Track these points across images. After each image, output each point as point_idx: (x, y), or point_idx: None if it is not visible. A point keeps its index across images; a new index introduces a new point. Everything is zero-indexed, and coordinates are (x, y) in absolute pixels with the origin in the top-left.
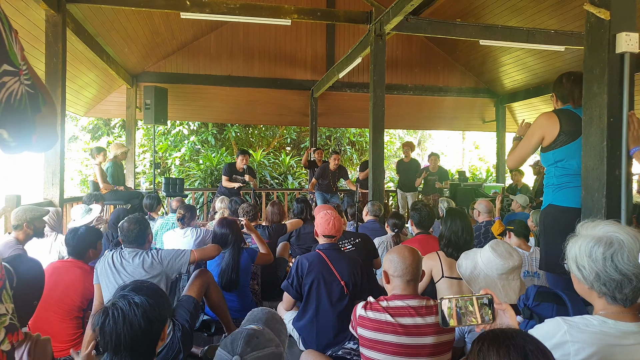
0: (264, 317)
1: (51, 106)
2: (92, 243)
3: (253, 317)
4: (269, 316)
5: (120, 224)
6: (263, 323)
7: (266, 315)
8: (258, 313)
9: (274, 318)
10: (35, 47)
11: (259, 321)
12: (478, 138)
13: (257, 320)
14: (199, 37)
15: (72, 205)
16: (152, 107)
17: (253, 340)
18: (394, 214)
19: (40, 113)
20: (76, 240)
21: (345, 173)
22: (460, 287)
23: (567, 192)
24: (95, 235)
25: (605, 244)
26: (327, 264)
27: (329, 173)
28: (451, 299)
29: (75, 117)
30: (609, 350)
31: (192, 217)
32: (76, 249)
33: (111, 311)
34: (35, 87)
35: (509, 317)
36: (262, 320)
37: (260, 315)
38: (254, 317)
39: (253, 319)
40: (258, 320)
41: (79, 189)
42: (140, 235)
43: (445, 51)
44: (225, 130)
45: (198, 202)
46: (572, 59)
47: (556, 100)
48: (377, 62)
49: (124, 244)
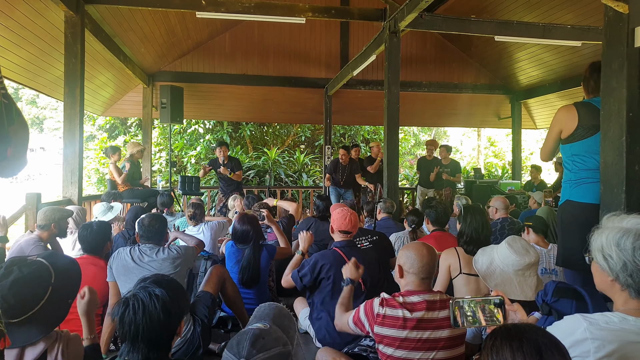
0: (271, 314)
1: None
2: (108, 236)
3: (260, 314)
4: (277, 312)
5: (139, 220)
6: (270, 320)
7: (274, 311)
8: (265, 309)
9: (281, 314)
10: (54, 47)
11: (267, 317)
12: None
13: (265, 317)
14: (214, 37)
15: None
16: (168, 106)
17: (259, 341)
18: (413, 211)
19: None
20: (93, 235)
21: (357, 167)
22: (477, 284)
23: (585, 188)
24: (109, 228)
25: (634, 235)
26: (345, 261)
27: (340, 167)
28: (463, 300)
29: (92, 117)
30: (629, 348)
31: (202, 213)
32: (93, 244)
33: (132, 302)
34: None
35: (519, 318)
36: (270, 317)
37: (267, 311)
38: (261, 313)
39: (260, 316)
40: (265, 317)
41: (95, 187)
42: (160, 232)
43: (460, 48)
44: (240, 129)
45: (214, 199)
46: (589, 54)
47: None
48: (392, 59)
49: (141, 240)
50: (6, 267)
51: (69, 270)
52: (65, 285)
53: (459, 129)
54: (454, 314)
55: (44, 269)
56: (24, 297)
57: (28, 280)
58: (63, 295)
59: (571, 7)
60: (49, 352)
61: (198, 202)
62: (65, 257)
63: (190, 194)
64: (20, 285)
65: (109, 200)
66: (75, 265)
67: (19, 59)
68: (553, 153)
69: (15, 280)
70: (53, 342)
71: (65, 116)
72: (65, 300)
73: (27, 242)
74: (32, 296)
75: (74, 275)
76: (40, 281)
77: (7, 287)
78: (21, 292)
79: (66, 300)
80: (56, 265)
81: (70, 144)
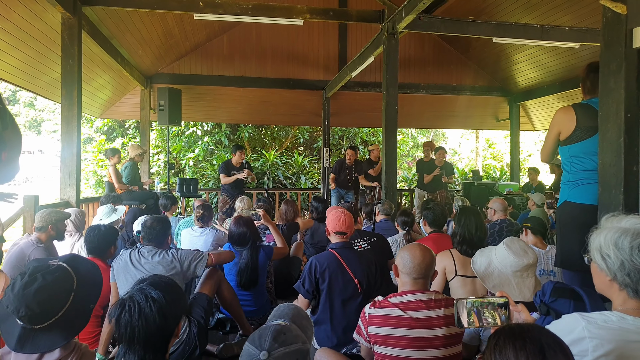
0: (290, 313)
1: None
2: (114, 240)
3: (280, 313)
4: (295, 312)
5: (143, 222)
6: (290, 319)
7: (292, 311)
8: (285, 309)
9: (300, 314)
10: (52, 49)
11: (286, 317)
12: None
13: (284, 316)
14: (212, 39)
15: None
16: (166, 108)
17: (280, 336)
18: (402, 212)
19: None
20: (100, 237)
21: (360, 169)
22: (474, 285)
23: (583, 189)
24: (115, 233)
25: (632, 234)
26: (341, 262)
27: (346, 168)
28: (467, 300)
29: (90, 119)
30: (627, 347)
31: (210, 216)
32: (99, 247)
33: (128, 304)
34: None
35: (523, 319)
36: (289, 316)
37: (286, 311)
38: (281, 312)
39: (279, 315)
40: (285, 316)
41: (94, 190)
42: (161, 235)
43: (458, 49)
44: (238, 131)
45: (212, 202)
46: (587, 55)
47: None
48: (390, 61)
49: (143, 242)
50: (30, 274)
51: (90, 275)
52: (87, 290)
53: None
54: (458, 314)
55: (66, 275)
56: (48, 305)
57: (51, 287)
58: (85, 300)
59: (569, 8)
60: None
61: (208, 205)
62: (86, 260)
63: (188, 196)
64: (44, 293)
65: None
66: (96, 269)
67: (16, 61)
68: (553, 154)
69: (40, 288)
70: (69, 352)
71: (63, 118)
72: (87, 305)
73: (27, 244)
74: (55, 303)
75: (95, 279)
76: (63, 287)
77: (31, 295)
78: (45, 300)
79: (88, 305)
80: (78, 271)
81: (68, 145)
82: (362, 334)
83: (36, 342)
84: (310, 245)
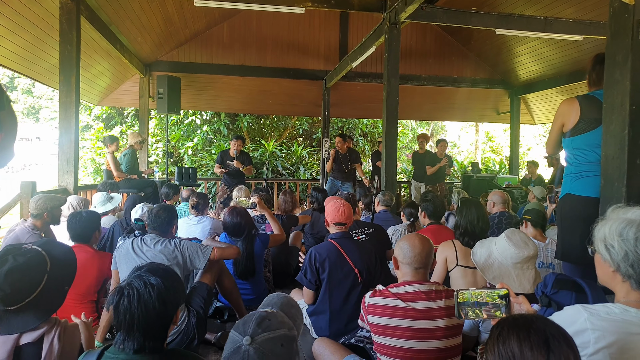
0: (279, 302)
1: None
2: (96, 225)
3: (269, 302)
4: (285, 301)
5: (149, 209)
6: (278, 307)
7: (282, 300)
8: (274, 298)
9: (289, 303)
10: (50, 35)
11: (274, 305)
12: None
13: (273, 305)
14: (212, 26)
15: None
16: (165, 96)
17: (265, 322)
18: (410, 204)
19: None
20: (82, 224)
21: (357, 157)
22: (474, 276)
23: (585, 182)
24: (98, 217)
25: (638, 225)
26: (341, 252)
27: (339, 157)
28: (467, 291)
29: (88, 106)
30: (630, 339)
31: (205, 204)
32: (83, 233)
33: (126, 291)
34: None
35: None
36: (278, 305)
37: (275, 300)
38: (270, 301)
39: (268, 304)
40: (273, 305)
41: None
42: (166, 224)
43: (459, 41)
44: (237, 120)
45: (210, 191)
46: (590, 48)
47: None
48: (392, 51)
49: (148, 229)
50: (1, 256)
51: (64, 258)
52: (62, 272)
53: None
54: (458, 305)
55: (39, 257)
56: (20, 286)
57: (23, 269)
58: (59, 282)
59: (573, 0)
60: (46, 335)
61: (204, 193)
62: (61, 244)
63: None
64: (15, 274)
65: (105, 190)
66: (71, 253)
67: (14, 45)
68: (558, 146)
69: (11, 270)
70: (51, 326)
71: (61, 104)
72: (61, 287)
73: (22, 231)
74: (28, 284)
75: (69, 262)
76: (36, 269)
77: (2, 276)
78: (17, 280)
79: (62, 287)
80: (52, 253)
81: (66, 132)
82: (364, 321)
83: (10, 323)
84: (310, 236)
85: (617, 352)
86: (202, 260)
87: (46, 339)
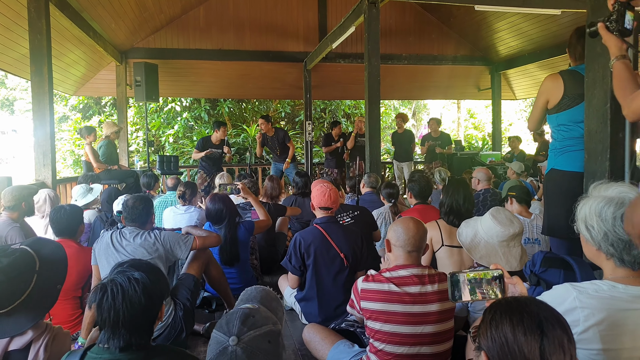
0: (258, 296)
1: None
2: (81, 219)
3: (247, 296)
4: (264, 294)
5: (124, 201)
6: (258, 302)
7: (261, 293)
8: (252, 292)
9: (269, 296)
10: (17, 23)
11: (254, 300)
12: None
13: (252, 299)
14: (188, 11)
15: (65, 186)
16: (142, 84)
17: (249, 320)
18: (387, 184)
19: None
20: (66, 218)
21: (286, 135)
22: (460, 255)
23: (569, 156)
24: (81, 211)
25: (616, 204)
26: (326, 237)
27: (267, 139)
28: (460, 273)
29: (64, 97)
30: (619, 315)
31: (193, 193)
32: (67, 227)
33: (110, 287)
34: None
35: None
36: (257, 299)
37: (254, 293)
38: (249, 296)
39: (247, 298)
40: (253, 299)
41: (72, 169)
42: (144, 214)
43: (439, 19)
44: (218, 106)
45: (193, 179)
46: (568, 22)
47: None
48: (371, 31)
49: (125, 222)
50: None
51: (54, 256)
52: (52, 270)
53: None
54: (452, 287)
55: (26, 257)
56: (8, 288)
57: (9, 270)
58: (50, 281)
59: None
60: (34, 343)
61: (191, 183)
62: (50, 241)
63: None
64: (2, 276)
65: (86, 182)
66: (60, 250)
67: None
68: (540, 122)
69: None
70: (40, 333)
71: (34, 96)
72: (53, 286)
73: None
74: (16, 286)
75: (60, 259)
76: (23, 270)
77: None
78: (4, 282)
79: (55, 286)
80: (40, 252)
81: (41, 125)
82: (355, 307)
83: (2, 327)
84: (296, 221)
85: (606, 328)
86: (184, 250)
87: (33, 346)
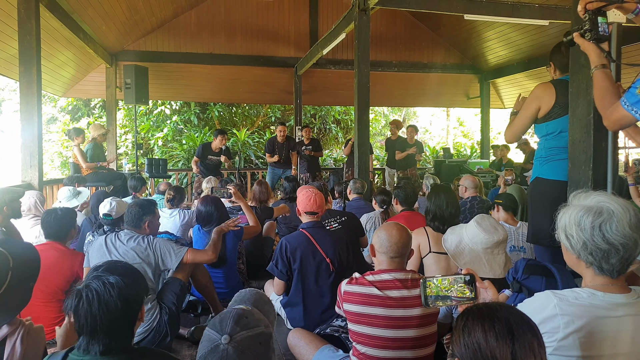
0: (252, 298)
1: None
2: (73, 222)
3: (241, 298)
4: (257, 297)
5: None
6: (251, 304)
7: (254, 296)
8: (246, 294)
9: (262, 299)
10: (7, 24)
11: (247, 302)
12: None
13: (245, 301)
14: (179, 14)
15: (52, 188)
16: (132, 86)
17: (242, 320)
18: (381, 191)
19: None
20: (58, 221)
21: (294, 145)
22: (447, 262)
23: (554, 165)
24: (74, 215)
25: (594, 213)
26: (312, 242)
27: (277, 146)
28: (433, 278)
29: (53, 98)
30: (598, 322)
31: (181, 199)
32: (59, 230)
33: (85, 293)
34: None
35: (491, 295)
36: (251, 301)
37: (248, 296)
38: (242, 297)
39: (241, 300)
40: (246, 301)
41: (59, 171)
42: (137, 218)
43: (429, 27)
44: (208, 110)
45: (182, 182)
46: (555, 33)
47: (554, 70)
48: (362, 38)
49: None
50: None
51: (26, 254)
52: (25, 269)
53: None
54: (424, 293)
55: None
56: None
57: None
58: (24, 279)
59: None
60: (9, 338)
61: (180, 187)
62: (20, 241)
63: (157, 177)
64: None
65: (72, 184)
66: (32, 249)
67: None
68: (523, 132)
69: None
70: (14, 329)
71: (22, 96)
72: (27, 283)
73: None
74: None
75: (32, 257)
76: None
77: None
78: None
79: (28, 284)
80: (12, 251)
81: (29, 125)
82: (341, 308)
83: None
84: (283, 225)
85: (585, 335)
86: (174, 261)
87: (9, 341)
